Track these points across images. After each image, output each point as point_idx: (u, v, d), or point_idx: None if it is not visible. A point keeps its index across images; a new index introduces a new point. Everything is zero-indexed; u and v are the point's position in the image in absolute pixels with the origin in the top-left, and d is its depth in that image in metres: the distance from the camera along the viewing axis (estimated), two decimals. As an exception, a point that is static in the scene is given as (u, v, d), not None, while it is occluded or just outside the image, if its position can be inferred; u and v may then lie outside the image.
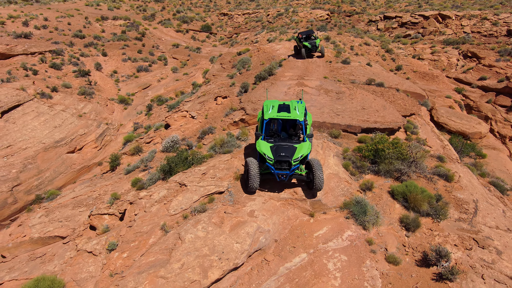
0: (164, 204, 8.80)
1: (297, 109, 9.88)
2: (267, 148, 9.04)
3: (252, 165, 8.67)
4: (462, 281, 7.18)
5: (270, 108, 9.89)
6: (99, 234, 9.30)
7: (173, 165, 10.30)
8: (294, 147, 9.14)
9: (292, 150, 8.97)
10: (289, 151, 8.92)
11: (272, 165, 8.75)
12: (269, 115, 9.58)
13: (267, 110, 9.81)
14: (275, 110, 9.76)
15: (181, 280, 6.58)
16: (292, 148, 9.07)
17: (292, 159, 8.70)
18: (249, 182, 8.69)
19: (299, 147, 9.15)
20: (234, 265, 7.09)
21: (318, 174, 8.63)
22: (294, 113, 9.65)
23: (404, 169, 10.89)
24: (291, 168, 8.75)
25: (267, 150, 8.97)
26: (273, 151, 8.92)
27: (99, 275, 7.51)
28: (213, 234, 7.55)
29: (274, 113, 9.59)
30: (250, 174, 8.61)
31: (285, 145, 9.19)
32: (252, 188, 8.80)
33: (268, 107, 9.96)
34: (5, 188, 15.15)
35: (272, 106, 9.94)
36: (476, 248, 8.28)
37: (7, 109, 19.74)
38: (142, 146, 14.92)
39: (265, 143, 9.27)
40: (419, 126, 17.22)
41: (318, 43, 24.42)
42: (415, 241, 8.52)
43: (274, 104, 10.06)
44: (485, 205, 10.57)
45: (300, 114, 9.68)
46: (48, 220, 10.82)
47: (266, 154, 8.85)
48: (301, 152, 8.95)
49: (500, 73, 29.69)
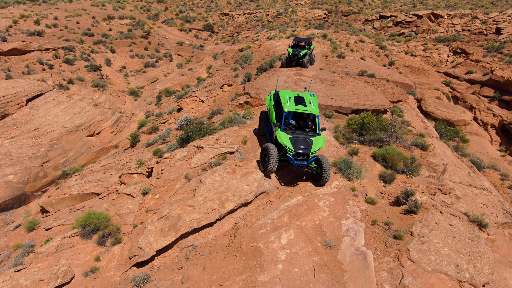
0: (185, 160, 10.75)
1: (312, 103, 10.46)
2: (287, 139, 9.57)
3: (272, 151, 9.35)
4: (424, 214, 9.11)
5: (287, 100, 10.34)
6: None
7: (190, 133, 12.25)
8: (311, 139, 9.75)
9: (309, 143, 9.59)
10: (307, 144, 9.54)
11: (292, 156, 9.43)
12: (289, 108, 10.08)
13: (285, 102, 10.25)
14: (292, 102, 10.26)
15: (204, 208, 8.53)
16: (309, 140, 9.68)
17: (310, 151, 9.43)
18: (269, 166, 9.40)
19: (315, 140, 9.76)
20: (245, 200, 9.03)
21: (326, 169, 9.53)
22: (310, 107, 10.24)
23: (385, 138, 12.85)
24: (309, 160, 9.51)
25: (288, 141, 9.50)
26: (292, 142, 9.49)
27: (137, 211, 9.45)
28: (227, 179, 9.50)
29: (292, 106, 10.11)
30: (271, 158, 9.31)
31: (302, 138, 9.75)
32: (271, 171, 9.53)
33: (285, 98, 10.40)
34: (37, 164, 17.07)
35: (288, 98, 10.40)
36: (439, 194, 10.22)
37: (31, 97, 21.66)
38: (158, 125, 16.85)
39: (284, 134, 9.75)
40: (405, 111, 19.14)
41: (302, 54, 21.60)
42: (390, 190, 10.46)
43: (290, 96, 10.53)
44: (454, 168, 12.52)
45: (316, 109, 10.29)
46: (83, 181, 12.74)
47: (287, 145, 9.41)
48: (318, 145, 9.64)
49: (486, 67, 31.73)
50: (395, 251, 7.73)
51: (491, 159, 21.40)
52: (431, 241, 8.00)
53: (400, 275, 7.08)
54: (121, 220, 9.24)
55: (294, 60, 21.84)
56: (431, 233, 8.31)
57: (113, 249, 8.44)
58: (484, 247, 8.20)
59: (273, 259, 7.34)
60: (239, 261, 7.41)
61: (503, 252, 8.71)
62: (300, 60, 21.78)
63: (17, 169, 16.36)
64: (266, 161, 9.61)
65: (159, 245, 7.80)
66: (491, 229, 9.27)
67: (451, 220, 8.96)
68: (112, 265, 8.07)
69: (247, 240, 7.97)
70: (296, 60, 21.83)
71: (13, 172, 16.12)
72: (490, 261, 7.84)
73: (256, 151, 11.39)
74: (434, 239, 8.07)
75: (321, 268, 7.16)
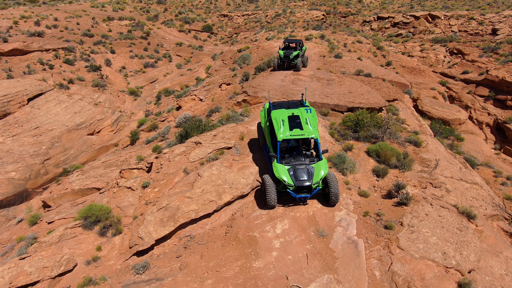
0: (184, 155, 11.07)
1: (309, 122, 9.31)
2: (285, 172, 8.66)
3: (269, 186, 8.61)
4: (414, 206, 9.43)
5: (280, 124, 9.24)
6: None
7: (189, 130, 12.57)
8: (312, 167, 8.84)
9: (310, 172, 8.71)
10: (308, 174, 8.67)
11: (292, 190, 8.63)
12: (282, 136, 9.03)
13: (278, 128, 9.19)
14: (286, 127, 9.17)
15: (202, 200, 8.84)
16: (309, 169, 8.78)
17: (312, 183, 8.56)
18: (267, 201, 8.70)
19: (316, 168, 8.85)
20: (241, 193, 9.34)
21: (334, 190, 8.73)
22: (307, 129, 9.19)
23: (379, 134, 13.18)
24: (312, 193, 8.75)
25: (286, 175, 8.61)
26: (291, 175, 8.64)
27: (137, 204, 9.76)
28: (224, 172, 9.81)
29: (286, 132, 9.07)
30: (268, 193, 8.60)
31: (302, 167, 8.83)
32: (271, 206, 8.81)
33: (278, 122, 9.29)
34: (38, 161, 17.36)
35: (282, 121, 9.28)
36: (430, 188, 10.55)
37: (32, 96, 21.95)
38: (158, 123, 17.17)
39: (282, 166, 8.81)
40: (400, 109, 19.48)
41: (293, 56, 20.86)
42: (383, 183, 10.78)
43: (284, 118, 9.39)
44: (446, 163, 12.85)
45: (313, 130, 9.18)
46: (84, 177, 13.04)
47: (286, 180, 8.53)
48: (320, 175, 8.70)
49: (482, 67, 32.10)
50: (385, 240, 8.04)
51: (485, 157, 21.73)
52: (420, 230, 8.32)
53: (389, 261, 7.39)
54: (121, 212, 9.54)
55: (286, 62, 21.17)
56: (421, 223, 8.63)
57: (114, 240, 8.74)
58: (472, 236, 8.52)
59: (268, 247, 7.65)
60: (235, 249, 7.71)
61: (490, 242, 9.02)
62: (292, 62, 21.10)
63: (19, 166, 16.65)
64: (265, 194, 8.82)
65: (158, 234, 8.10)
66: (479, 220, 9.58)
67: (441, 212, 9.27)
68: (113, 254, 8.37)
69: (243, 230, 8.27)
70: (288, 62, 21.15)
71: (15, 169, 16.41)
72: (476, 249, 8.16)
73: (252, 146, 11.70)
74: (423, 229, 8.39)
75: (314, 255, 7.46)
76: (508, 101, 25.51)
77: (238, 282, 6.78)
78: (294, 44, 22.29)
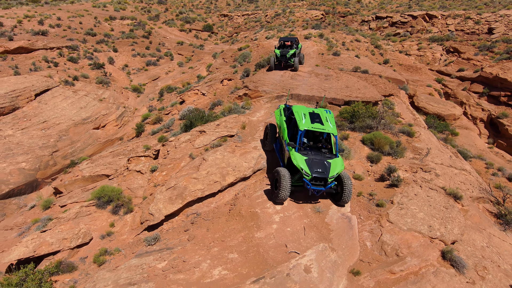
0: (189, 142, 11.76)
1: (329, 120, 9.56)
2: (303, 161, 8.69)
3: (285, 177, 8.48)
4: (405, 187, 10.13)
5: (302, 116, 9.42)
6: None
7: (193, 120, 13.27)
8: (328, 162, 8.91)
9: (327, 166, 8.76)
10: (324, 167, 8.71)
11: (308, 180, 8.59)
12: (305, 126, 9.11)
13: (300, 119, 9.33)
14: (308, 119, 9.33)
15: (207, 180, 9.54)
16: (326, 163, 8.84)
17: (328, 176, 8.61)
18: (280, 193, 8.50)
19: (333, 163, 8.92)
20: (244, 175, 10.03)
21: (348, 189, 8.77)
22: (327, 125, 9.34)
23: (373, 124, 13.88)
24: (327, 186, 8.73)
25: (304, 164, 8.64)
26: (308, 165, 8.65)
27: (146, 186, 10.45)
28: (228, 157, 10.51)
29: (308, 124, 9.17)
30: (283, 185, 8.43)
31: (319, 160, 8.91)
32: (283, 198, 8.64)
33: (300, 115, 9.50)
34: (47, 153, 18.05)
35: (303, 114, 9.48)
36: (420, 172, 11.24)
37: (39, 92, 22.65)
38: (162, 116, 17.87)
39: (300, 156, 8.85)
40: (396, 104, 20.16)
41: (290, 54, 20.50)
42: (376, 168, 11.48)
43: (305, 112, 9.62)
44: (437, 152, 13.55)
45: (333, 128, 9.34)
46: (94, 165, 13.72)
47: (303, 169, 8.54)
48: (337, 169, 8.77)
49: (477, 65, 32.88)
50: (377, 216, 8.74)
51: (478, 151, 22.45)
52: (408, 207, 9.02)
53: (379, 233, 8.08)
54: (132, 193, 10.24)
55: (283, 61, 20.73)
56: (410, 201, 9.33)
57: (126, 217, 9.43)
58: (457, 214, 9.22)
59: (269, 221, 8.34)
60: (238, 223, 8.40)
61: (475, 221, 9.72)
62: (289, 61, 20.71)
63: (29, 157, 17.33)
64: (277, 187, 8.74)
65: (167, 210, 8.80)
66: (465, 201, 10.28)
67: (429, 193, 9.97)
68: (125, 230, 9.06)
69: (245, 207, 8.97)
70: (285, 61, 20.71)
71: (25, 160, 17.09)
72: (460, 225, 8.86)
73: (253, 135, 12.40)
74: (411, 206, 9.09)
75: (311, 227, 8.15)
76: (502, 97, 26.23)
77: (242, 249, 7.47)
78: (289, 42, 21.99)
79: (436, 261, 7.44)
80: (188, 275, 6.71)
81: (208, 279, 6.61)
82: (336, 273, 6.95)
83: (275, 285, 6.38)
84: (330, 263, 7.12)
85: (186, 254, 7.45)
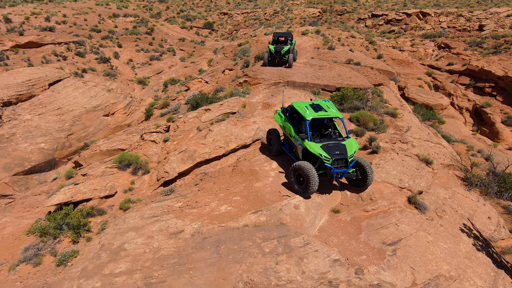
0: (196, 118, 13.37)
1: (330, 107, 9.71)
2: (319, 148, 8.79)
3: (310, 169, 8.42)
4: (383, 154, 11.74)
5: (305, 109, 9.50)
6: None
7: (199, 101, 14.89)
8: (343, 144, 9.06)
9: (342, 148, 8.91)
10: (341, 149, 8.85)
11: (330, 164, 8.68)
12: (311, 115, 9.22)
13: (304, 111, 9.41)
14: (311, 110, 9.43)
15: (213, 146, 11.15)
16: (341, 145, 8.99)
17: (348, 155, 8.76)
18: (310, 187, 8.44)
19: (347, 144, 9.08)
20: (244, 143, 11.65)
21: (370, 171, 8.95)
22: (330, 111, 9.49)
23: (360, 105, 15.50)
24: (349, 166, 8.86)
25: (321, 150, 8.73)
26: (326, 150, 8.76)
27: (160, 153, 12.06)
28: (231, 128, 12.13)
29: (313, 114, 9.27)
30: (311, 177, 8.35)
31: (333, 143, 9.05)
32: (313, 191, 8.61)
33: (303, 108, 9.58)
34: (63, 135, 19.64)
35: (306, 107, 9.59)
36: (398, 143, 12.87)
37: (52, 82, 24.23)
38: (169, 102, 19.46)
39: (315, 144, 8.94)
40: (385, 92, 21.76)
41: (285, 51, 20.56)
42: (360, 141, 13.09)
43: (306, 105, 9.74)
44: (416, 129, 15.17)
45: (337, 112, 9.54)
46: (110, 141, 15.30)
47: (322, 154, 8.62)
48: (353, 148, 8.95)
49: (465, 59, 34.60)
50: (357, 173, 10.33)
51: (462, 136, 24.08)
52: (384, 167, 10.65)
53: (358, 185, 9.69)
54: (147, 159, 11.85)
55: (277, 57, 20.75)
56: (386, 163, 10.95)
57: (144, 177, 11.04)
58: (426, 173, 10.84)
59: (266, 175, 9.95)
60: (240, 177, 10.02)
61: (442, 181, 11.34)
62: (284, 57, 20.73)
63: (47, 139, 18.91)
64: (303, 183, 8.71)
65: (180, 169, 10.41)
66: (435, 166, 11.91)
67: (404, 158, 11.59)
68: (144, 186, 10.68)
69: (246, 167, 10.58)
70: (279, 57, 20.71)
71: (44, 141, 18.67)
72: (428, 181, 10.48)
73: (253, 112, 14.01)
74: (387, 166, 10.71)
75: (300, 180, 9.75)
76: (486, 88, 27.90)
77: (243, 194, 9.08)
78: (283, 38, 22.09)
79: (403, 204, 9.06)
80: (200, 210, 8.33)
81: (217, 212, 8.23)
82: (320, 210, 8.57)
83: (270, 215, 8.00)
84: (316, 203, 8.73)
85: (198, 198, 9.07)
